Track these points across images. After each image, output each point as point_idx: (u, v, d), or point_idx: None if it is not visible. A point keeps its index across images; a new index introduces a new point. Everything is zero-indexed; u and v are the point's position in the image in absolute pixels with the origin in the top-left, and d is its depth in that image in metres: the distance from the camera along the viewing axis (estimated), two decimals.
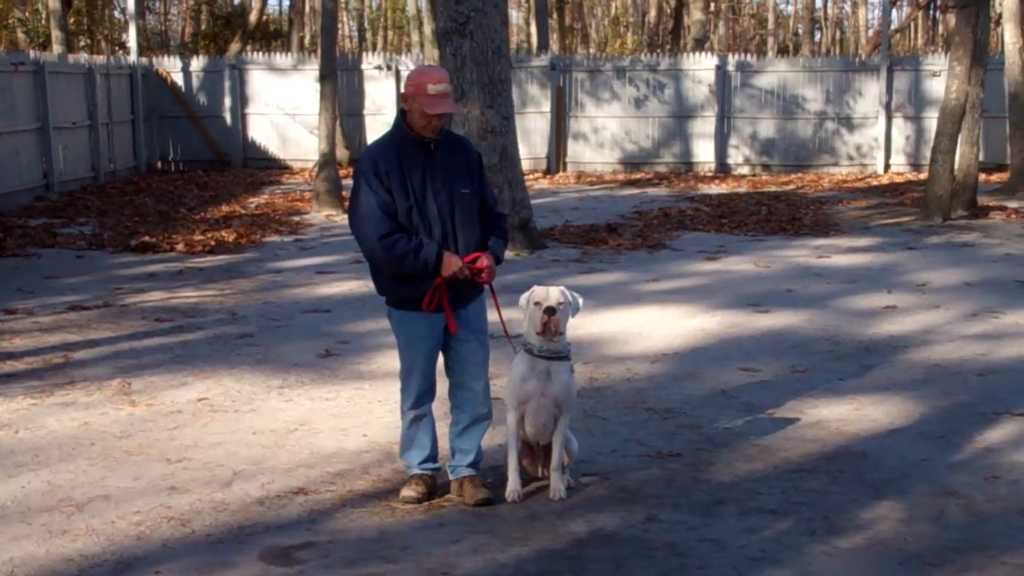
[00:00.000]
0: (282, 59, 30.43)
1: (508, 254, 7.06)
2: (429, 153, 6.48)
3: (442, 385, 6.83)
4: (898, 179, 26.79)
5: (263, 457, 7.41)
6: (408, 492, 6.62)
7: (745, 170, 28.76)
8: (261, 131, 29.76)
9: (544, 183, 26.78)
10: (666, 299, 12.79)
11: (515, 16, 50.33)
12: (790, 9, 75.43)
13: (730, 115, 28.81)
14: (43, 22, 39.58)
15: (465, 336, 6.65)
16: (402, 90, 6.56)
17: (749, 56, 30.60)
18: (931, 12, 55.21)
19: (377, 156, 6.46)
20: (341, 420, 8.25)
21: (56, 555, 5.83)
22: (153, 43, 49.72)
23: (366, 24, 69.85)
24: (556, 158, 28.94)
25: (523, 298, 6.69)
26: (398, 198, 6.40)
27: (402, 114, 6.52)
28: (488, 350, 6.81)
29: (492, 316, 6.88)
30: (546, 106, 28.96)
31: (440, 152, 6.52)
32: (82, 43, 41.09)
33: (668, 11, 52.51)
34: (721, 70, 28.71)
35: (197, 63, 30.28)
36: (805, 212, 20.59)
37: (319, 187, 21.08)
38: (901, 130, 28.41)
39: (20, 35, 38.95)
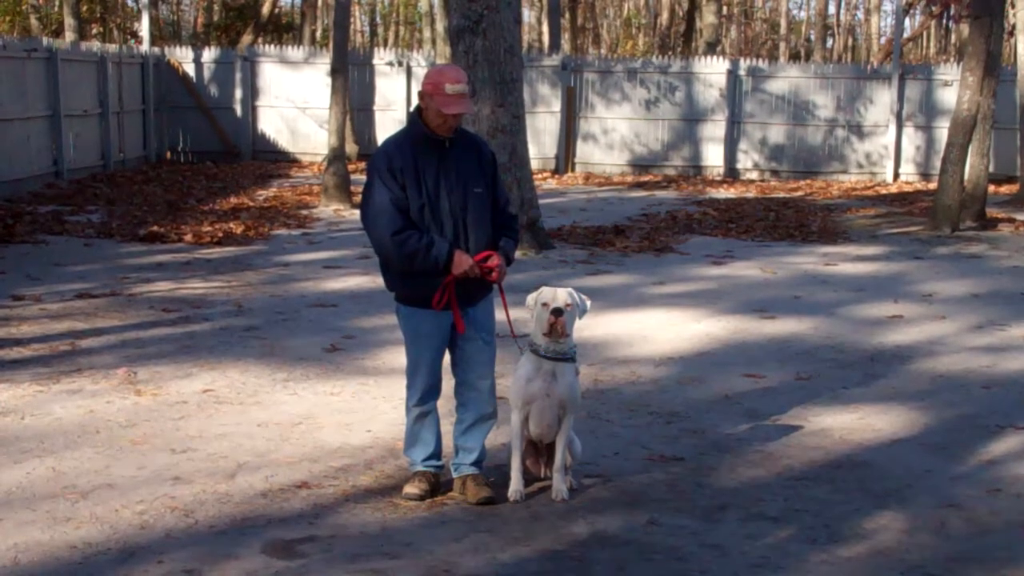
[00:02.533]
0: (294, 52, 30.45)
1: (516, 254, 7.07)
2: (443, 151, 6.50)
3: (448, 383, 6.85)
4: (907, 188, 26.78)
5: (267, 450, 7.43)
6: (411, 489, 6.63)
7: (754, 175, 28.76)
8: (271, 124, 29.80)
9: (553, 183, 26.79)
10: (672, 303, 12.80)
11: (527, 15, 50.37)
12: (803, 15, 75.47)
13: (740, 120, 28.80)
14: (56, 9, 39.61)
15: (472, 335, 6.66)
16: (416, 87, 6.58)
17: (761, 61, 30.59)
18: (944, 21, 55.15)
19: (392, 153, 6.47)
20: (346, 415, 8.27)
21: (60, 542, 5.85)
22: (165, 33, 49.74)
23: (378, 19, 69.90)
24: (565, 158, 28.95)
25: (530, 298, 6.70)
26: (411, 195, 6.41)
27: (418, 111, 6.53)
28: (494, 349, 6.82)
29: (499, 315, 6.90)
30: (556, 106, 28.98)
31: (454, 151, 6.54)
32: (95, 31, 41.11)
33: (680, 14, 52.52)
34: (732, 74, 28.71)
35: (209, 54, 30.31)
36: (813, 219, 20.58)
37: (328, 181, 21.10)
38: (911, 139, 28.40)
39: (33, 21, 38.96)
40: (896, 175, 28.26)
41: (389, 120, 28.77)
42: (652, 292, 13.47)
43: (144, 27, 30.81)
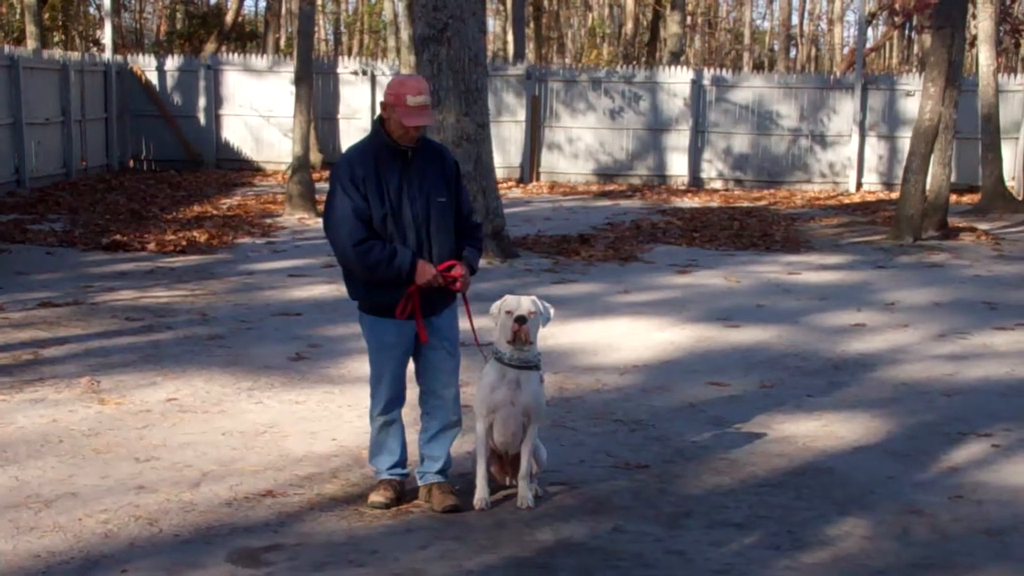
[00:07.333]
0: (258, 60, 30.39)
1: (480, 263, 7.08)
2: (406, 161, 6.50)
3: (412, 391, 6.84)
4: (870, 198, 26.91)
5: (232, 459, 7.41)
6: (376, 497, 6.63)
7: (718, 184, 28.87)
8: (235, 132, 29.70)
9: (517, 192, 26.82)
10: (637, 311, 12.83)
11: (492, 24, 50.37)
12: (766, 25, 75.73)
13: (705, 129, 28.92)
14: (18, 17, 39.37)
15: (436, 344, 6.66)
16: (381, 96, 6.58)
17: (725, 71, 30.72)
18: (906, 32, 55.50)
19: (354, 162, 6.48)
20: (310, 424, 8.25)
21: (23, 551, 5.82)
22: (128, 41, 49.52)
23: (342, 28, 69.80)
24: (530, 167, 28.98)
25: (494, 307, 6.71)
26: (374, 205, 6.41)
27: (380, 121, 6.53)
28: (459, 358, 6.83)
29: (463, 324, 6.90)
30: (521, 115, 29.01)
31: (417, 160, 6.54)
32: (56, 39, 40.88)
33: (645, 23, 52.60)
34: (696, 84, 28.82)
35: (172, 62, 30.19)
36: (777, 228, 20.67)
37: (292, 190, 21.06)
38: (874, 149, 28.57)
39: None
40: (859, 184, 28.43)
41: (353, 128, 28.72)
42: (617, 301, 13.49)
43: (106, 35, 30.67)
